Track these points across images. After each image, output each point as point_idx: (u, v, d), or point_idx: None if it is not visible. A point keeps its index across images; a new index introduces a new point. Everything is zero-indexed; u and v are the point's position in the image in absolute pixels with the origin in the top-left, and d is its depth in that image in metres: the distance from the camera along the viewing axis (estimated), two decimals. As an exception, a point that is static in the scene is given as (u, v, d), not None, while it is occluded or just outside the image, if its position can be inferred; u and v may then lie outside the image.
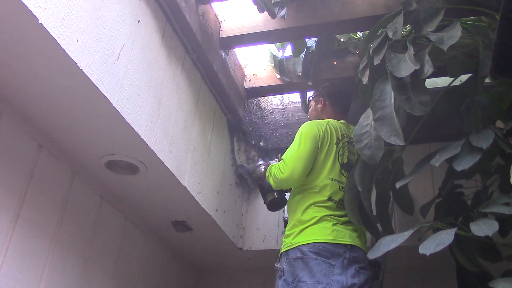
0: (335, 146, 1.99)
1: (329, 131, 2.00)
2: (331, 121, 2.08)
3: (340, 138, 2.02)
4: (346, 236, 1.82)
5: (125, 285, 2.18)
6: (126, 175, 1.93)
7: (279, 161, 2.07)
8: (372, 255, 1.50)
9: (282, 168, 1.97)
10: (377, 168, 1.80)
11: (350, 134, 2.05)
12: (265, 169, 2.14)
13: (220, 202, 2.34)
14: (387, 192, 1.89)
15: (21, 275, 1.58)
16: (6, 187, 1.55)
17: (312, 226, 1.85)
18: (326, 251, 1.78)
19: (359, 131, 1.74)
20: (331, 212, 1.87)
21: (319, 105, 2.22)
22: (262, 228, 2.57)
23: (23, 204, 1.61)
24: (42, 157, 1.71)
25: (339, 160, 1.98)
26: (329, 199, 1.90)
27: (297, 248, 1.82)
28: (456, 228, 1.37)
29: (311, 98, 2.31)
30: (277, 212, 2.56)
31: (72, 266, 1.83)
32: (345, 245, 1.80)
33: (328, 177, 1.93)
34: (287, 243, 1.88)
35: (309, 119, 2.22)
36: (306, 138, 1.97)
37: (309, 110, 2.30)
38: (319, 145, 1.96)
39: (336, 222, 1.85)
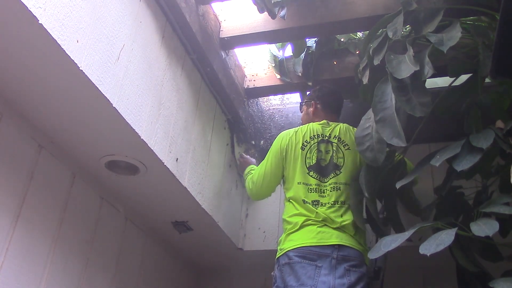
0: (300, 151, 2.04)
1: (294, 139, 2.07)
2: (303, 127, 2.12)
3: (308, 140, 2.06)
4: (333, 236, 1.83)
5: (126, 285, 2.18)
6: (126, 176, 1.93)
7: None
8: (373, 255, 1.50)
9: (252, 181, 2.19)
10: (381, 170, 1.80)
11: (327, 133, 2.06)
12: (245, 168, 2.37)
13: (220, 202, 2.34)
14: (393, 194, 1.89)
15: (22, 275, 1.58)
16: (7, 188, 1.55)
17: (297, 231, 1.88)
18: (311, 254, 1.79)
19: (361, 133, 1.74)
20: (313, 217, 1.88)
21: (311, 109, 2.25)
22: (262, 229, 2.57)
23: (23, 205, 1.61)
24: (42, 158, 1.70)
25: (306, 163, 2.02)
26: (304, 202, 1.93)
27: (285, 254, 1.86)
28: (456, 228, 1.37)
29: (303, 103, 2.34)
30: (278, 212, 2.58)
31: (72, 266, 1.83)
32: (333, 245, 1.81)
33: (297, 181, 1.99)
34: (278, 251, 1.93)
35: (301, 124, 2.26)
36: (271, 154, 2.13)
37: (302, 114, 2.33)
38: (284, 156, 2.06)
39: (322, 224, 1.86)
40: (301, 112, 2.35)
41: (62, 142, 1.76)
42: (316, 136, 2.06)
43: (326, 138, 2.06)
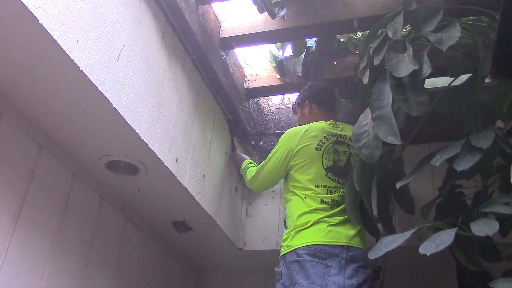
0: (315, 152, 2.01)
1: (305, 138, 2.04)
2: (313, 125, 2.09)
3: (324, 141, 2.03)
4: (342, 236, 1.83)
5: (126, 285, 2.18)
6: (126, 176, 1.93)
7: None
8: (373, 255, 1.50)
9: (255, 176, 2.19)
10: (377, 168, 1.80)
11: (339, 133, 2.06)
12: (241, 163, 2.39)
13: (220, 202, 2.34)
14: (388, 192, 1.89)
15: (22, 276, 1.58)
16: (7, 188, 1.55)
17: (307, 229, 1.87)
18: (322, 253, 1.78)
19: (358, 130, 1.74)
20: (326, 214, 1.88)
21: (306, 109, 2.24)
22: (262, 228, 2.57)
23: (23, 205, 1.61)
24: (42, 158, 1.71)
25: (323, 164, 2.00)
26: (321, 201, 1.92)
27: (294, 251, 1.83)
28: (456, 228, 1.37)
29: (295, 106, 2.33)
30: (278, 212, 2.58)
31: (73, 266, 1.83)
32: (342, 245, 1.80)
33: (314, 184, 1.97)
34: (284, 247, 1.91)
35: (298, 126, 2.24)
36: (278, 152, 2.09)
37: (297, 117, 2.32)
38: (293, 155, 2.03)
39: (332, 223, 1.86)
40: (296, 114, 2.35)
41: (62, 142, 1.76)
42: (330, 137, 2.05)
43: (341, 139, 2.06)
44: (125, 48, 1.63)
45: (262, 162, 2.18)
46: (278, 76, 2.59)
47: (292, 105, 2.38)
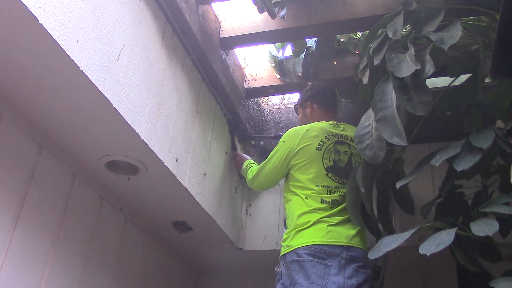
0: (316, 151, 2.01)
1: (306, 138, 2.04)
2: (314, 125, 2.09)
3: (325, 140, 2.04)
4: (342, 236, 1.83)
5: (126, 285, 2.18)
6: (126, 176, 1.93)
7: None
8: (373, 255, 1.50)
9: (256, 176, 2.20)
10: (378, 169, 1.80)
11: (340, 133, 2.06)
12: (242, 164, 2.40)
13: (220, 202, 2.34)
14: (388, 192, 1.89)
15: (22, 275, 1.58)
16: (7, 188, 1.55)
17: (307, 228, 1.87)
18: (322, 253, 1.78)
19: (361, 132, 1.74)
20: (326, 214, 1.89)
21: (308, 110, 2.25)
22: (262, 228, 2.57)
23: (23, 205, 1.61)
24: (42, 158, 1.70)
25: (324, 164, 2.00)
26: (322, 201, 1.92)
27: (293, 251, 1.84)
28: (456, 228, 1.37)
29: (297, 106, 2.34)
30: (277, 212, 2.58)
31: (72, 266, 1.83)
32: (342, 245, 1.81)
33: (314, 184, 1.97)
34: (284, 247, 1.91)
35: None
36: (279, 152, 2.10)
37: (299, 117, 2.32)
38: (294, 155, 2.03)
39: (332, 223, 1.86)
40: (298, 115, 2.35)
41: (62, 142, 1.76)
42: (331, 137, 2.05)
43: (342, 139, 2.06)
44: (125, 48, 1.63)
45: (263, 162, 2.19)
46: (278, 76, 2.60)
47: (294, 105, 2.39)
